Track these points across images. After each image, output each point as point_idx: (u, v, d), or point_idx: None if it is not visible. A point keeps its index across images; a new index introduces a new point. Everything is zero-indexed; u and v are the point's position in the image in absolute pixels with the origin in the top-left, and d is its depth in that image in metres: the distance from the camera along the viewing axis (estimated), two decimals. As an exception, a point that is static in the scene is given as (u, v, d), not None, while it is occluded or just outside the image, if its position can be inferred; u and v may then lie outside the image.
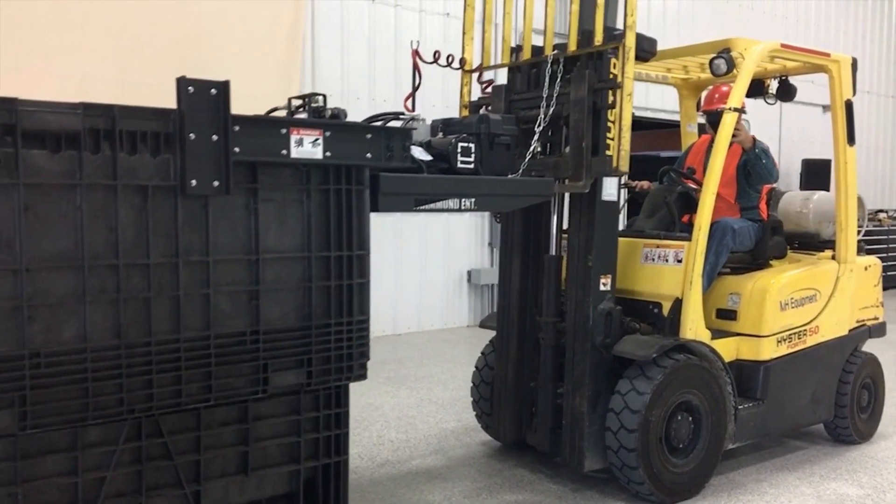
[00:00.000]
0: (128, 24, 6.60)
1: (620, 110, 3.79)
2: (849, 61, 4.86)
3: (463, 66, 4.48)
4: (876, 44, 15.10)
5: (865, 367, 4.97)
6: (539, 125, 3.90)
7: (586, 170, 3.83)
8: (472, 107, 4.55)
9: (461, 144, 3.26)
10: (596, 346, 3.95)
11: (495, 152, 3.44)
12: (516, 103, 4.26)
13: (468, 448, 4.83)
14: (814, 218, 5.15)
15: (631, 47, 3.78)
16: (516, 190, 3.55)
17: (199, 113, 2.40)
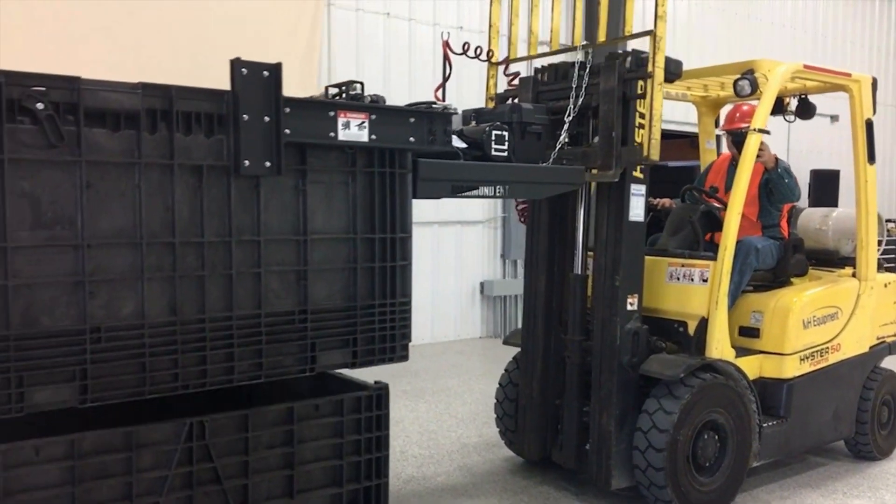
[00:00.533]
0: (146, 35, 6.65)
1: (651, 100, 3.84)
2: (869, 81, 4.91)
3: (490, 59, 4.52)
4: (885, 54, 15.17)
5: (885, 384, 5.01)
6: (569, 115, 3.95)
7: (616, 159, 3.88)
8: (499, 98, 4.59)
9: (495, 132, 3.31)
10: (623, 365, 3.99)
11: (527, 141, 3.51)
12: (544, 94, 4.30)
13: (492, 464, 4.87)
14: (833, 235, 5.20)
15: (662, 37, 3.84)
16: (548, 177, 3.63)
17: (251, 94, 2.46)
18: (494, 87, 4.68)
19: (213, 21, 6.92)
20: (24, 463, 2.22)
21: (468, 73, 5.06)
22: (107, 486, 2.35)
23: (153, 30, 6.63)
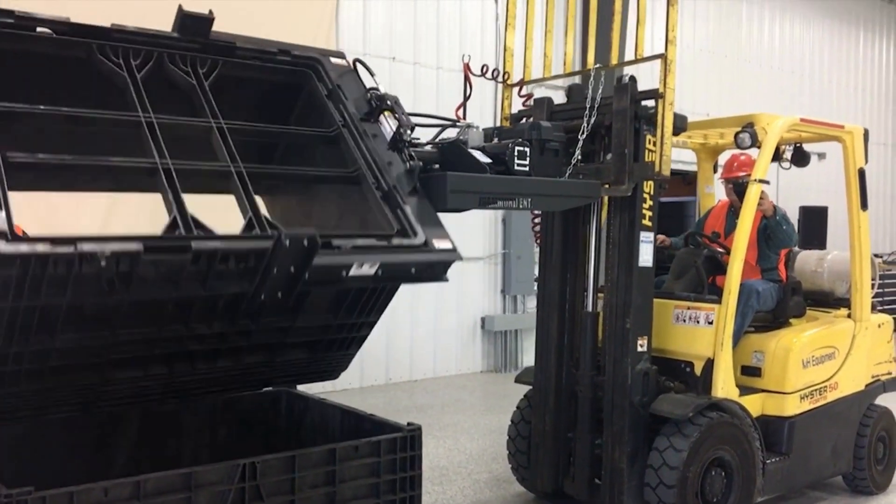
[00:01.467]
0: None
1: (663, 119, 4.09)
2: (861, 132, 5.19)
3: (506, 81, 4.75)
4: (870, 96, 15.63)
5: (881, 421, 5.22)
6: (582, 133, 4.18)
7: (629, 175, 4.12)
8: (513, 118, 4.82)
9: (518, 148, 3.46)
10: (634, 404, 4.18)
11: (545, 157, 3.67)
12: (557, 114, 4.54)
13: (505, 500, 5.03)
14: (828, 277, 5.43)
15: (673, 60, 4.11)
16: (568, 190, 3.82)
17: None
18: (509, 108, 4.90)
19: (232, 25, 7.07)
20: (94, 503, 2.37)
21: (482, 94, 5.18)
22: (164, 528, 2.50)
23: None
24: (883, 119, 15.98)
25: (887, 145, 16.10)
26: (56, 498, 2.30)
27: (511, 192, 3.38)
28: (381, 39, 8.63)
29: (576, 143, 4.13)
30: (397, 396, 8.01)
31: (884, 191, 15.96)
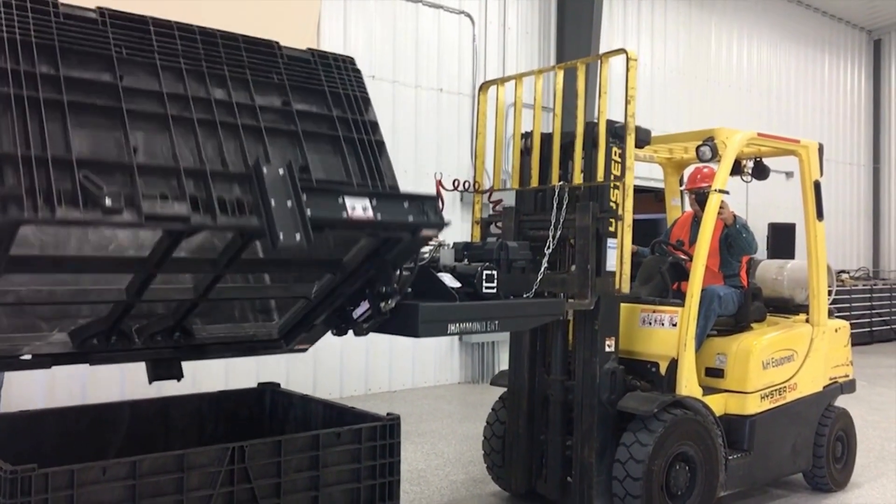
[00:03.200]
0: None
1: (622, 239, 4.32)
2: (816, 146, 5.48)
3: (476, 189, 5.03)
4: (836, 116, 16.14)
5: (839, 421, 5.47)
6: (548, 247, 4.43)
7: (591, 289, 4.36)
8: (483, 223, 5.12)
9: (486, 272, 3.66)
10: (602, 401, 4.40)
11: (512, 275, 3.94)
12: (525, 223, 4.81)
13: (480, 499, 5.20)
14: (788, 284, 5.71)
15: (630, 185, 4.37)
16: (533, 311, 3.99)
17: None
18: (480, 212, 5.20)
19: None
20: (92, 482, 2.53)
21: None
22: (161, 503, 2.66)
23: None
24: (849, 140, 16.51)
25: (853, 165, 16.61)
26: (57, 475, 2.46)
27: (478, 318, 3.53)
28: (361, 57, 8.78)
29: (542, 255, 4.37)
30: (377, 406, 8.07)
31: (850, 209, 16.45)
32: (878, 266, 16.89)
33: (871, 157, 17.05)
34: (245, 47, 2.86)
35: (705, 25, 13.38)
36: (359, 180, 2.99)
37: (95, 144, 2.39)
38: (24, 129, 2.23)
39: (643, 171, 10.05)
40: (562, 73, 4.81)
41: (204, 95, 2.67)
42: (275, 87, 2.90)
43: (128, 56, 2.56)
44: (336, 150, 2.98)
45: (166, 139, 2.53)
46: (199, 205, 2.51)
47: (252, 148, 2.71)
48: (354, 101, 3.09)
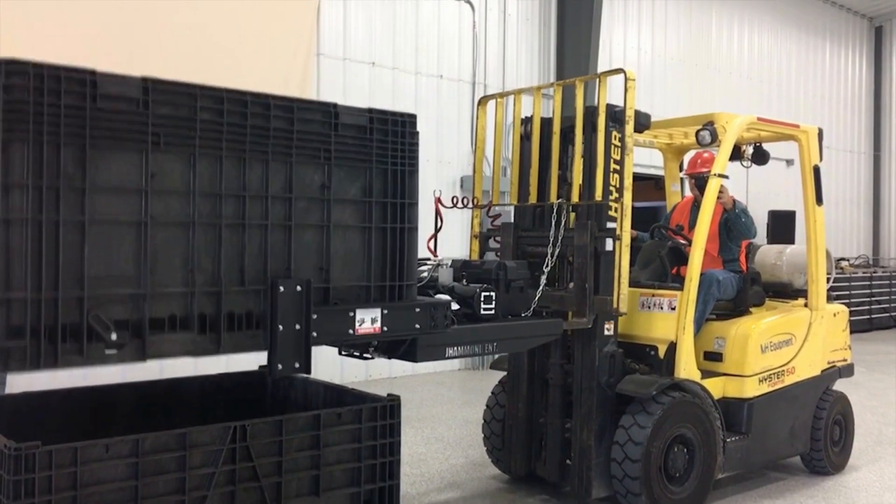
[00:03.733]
0: (148, 41, 6.89)
1: (619, 259, 4.32)
2: (815, 131, 5.49)
3: (476, 205, 5.04)
4: (837, 103, 16.11)
5: (837, 405, 5.50)
6: (546, 265, 4.43)
7: (589, 308, 4.35)
8: (482, 237, 5.15)
9: (484, 294, 3.72)
10: (601, 384, 4.43)
11: (511, 295, 3.95)
12: (523, 239, 4.82)
13: (479, 481, 5.24)
14: (787, 269, 5.72)
15: (628, 205, 4.37)
16: (530, 332, 4.04)
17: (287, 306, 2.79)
18: (479, 227, 5.22)
19: (216, 28, 7.20)
20: (95, 459, 2.56)
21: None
22: (163, 480, 2.69)
23: (154, 35, 6.86)
24: (849, 127, 16.48)
25: (853, 152, 16.59)
26: (60, 453, 2.49)
27: (476, 341, 3.63)
28: (362, 44, 8.87)
29: (540, 272, 4.38)
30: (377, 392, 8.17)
31: (850, 197, 16.45)
32: (878, 254, 16.90)
33: (872, 145, 17.03)
34: (298, 117, 2.85)
35: (706, 12, 13.34)
36: (377, 280, 3.09)
37: (112, 259, 2.45)
38: (38, 257, 2.31)
39: (644, 159, 10.09)
40: (560, 91, 4.78)
41: (236, 190, 2.70)
42: (318, 167, 2.93)
43: (165, 146, 2.55)
44: (363, 243, 3.06)
45: (189, 244, 2.60)
46: (208, 324, 2.62)
47: (277, 248, 2.80)
48: (399, 176, 3.14)
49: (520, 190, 4.91)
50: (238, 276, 2.70)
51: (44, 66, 2.33)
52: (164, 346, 2.52)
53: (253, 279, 2.74)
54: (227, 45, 7.33)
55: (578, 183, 4.58)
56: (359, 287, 3.05)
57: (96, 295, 2.41)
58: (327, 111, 2.94)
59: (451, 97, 9.76)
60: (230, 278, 2.68)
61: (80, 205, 2.38)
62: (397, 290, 3.15)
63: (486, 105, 5.26)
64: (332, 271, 2.96)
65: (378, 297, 3.09)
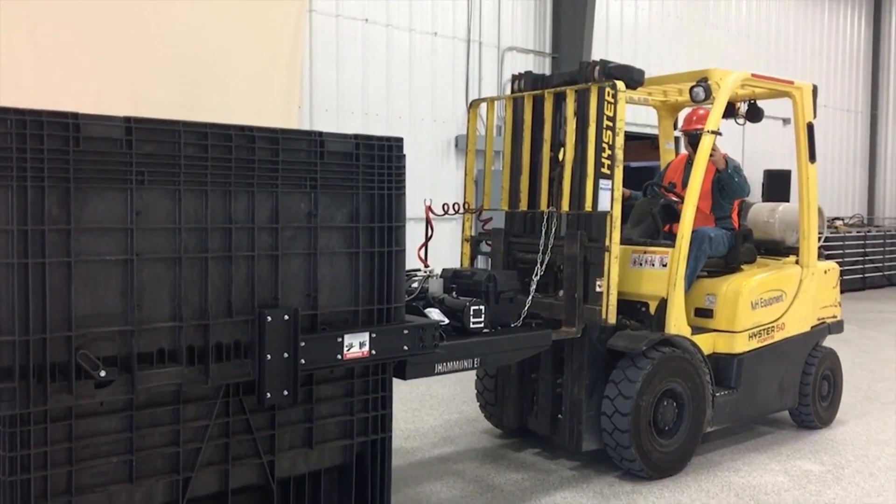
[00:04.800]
0: (140, 42, 6.97)
1: (608, 271, 4.30)
2: (810, 88, 5.46)
3: (466, 209, 5.02)
4: (835, 62, 15.98)
5: (826, 361, 5.57)
6: (536, 274, 4.44)
7: (578, 318, 4.35)
8: (473, 241, 5.16)
9: (473, 308, 3.76)
10: (593, 340, 4.47)
11: (500, 306, 4.00)
12: (514, 245, 4.83)
13: (472, 436, 5.32)
14: (779, 227, 5.74)
15: (617, 216, 4.33)
16: (519, 345, 4.05)
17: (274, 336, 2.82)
18: (470, 230, 5.21)
19: (200, 37, 7.24)
20: (91, 413, 2.59)
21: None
22: (158, 433, 2.73)
23: (143, 45, 6.93)
24: (847, 86, 16.38)
25: (850, 111, 16.51)
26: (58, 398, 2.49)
27: (463, 356, 3.68)
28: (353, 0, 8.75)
29: (530, 280, 4.39)
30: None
31: (846, 156, 16.43)
32: (873, 213, 16.94)
33: (869, 104, 16.94)
34: (283, 147, 2.89)
35: (704, -32, 13.15)
36: (365, 303, 3.14)
37: (99, 297, 2.51)
38: (25, 299, 2.36)
39: (639, 118, 10.04)
40: (552, 97, 4.70)
41: (222, 223, 2.75)
42: (305, 195, 2.97)
43: (150, 183, 2.59)
44: (351, 268, 3.10)
45: (175, 279, 2.65)
46: (196, 356, 2.70)
47: (264, 277, 2.85)
48: (387, 200, 3.17)
49: (510, 196, 4.89)
50: (226, 306, 2.76)
51: (26, 112, 2.36)
52: (152, 379, 2.59)
53: (240, 309, 2.80)
54: (214, 11, 7.29)
55: (569, 170, 4.52)
56: (347, 312, 3.11)
57: (84, 333, 2.48)
58: (312, 140, 2.98)
59: (447, 55, 9.66)
60: (217, 310, 2.74)
61: (65, 245, 2.44)
62: (385, 312, 3.20)
63: (476, 108, 5.25)
64: (320, 297, 3.02)
65: (366, 321, 3.14)
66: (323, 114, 8.55)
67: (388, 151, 3.18)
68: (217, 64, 7.41)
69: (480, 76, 9.94)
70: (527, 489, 4.37)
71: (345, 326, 3.08)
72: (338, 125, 8.50)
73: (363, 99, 8.90)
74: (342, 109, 8.71)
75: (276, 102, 7.83)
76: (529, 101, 4.81)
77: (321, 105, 8.56)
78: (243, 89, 7.58)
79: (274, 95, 7.83)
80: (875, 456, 5.02)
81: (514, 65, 10.15)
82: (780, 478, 4.61)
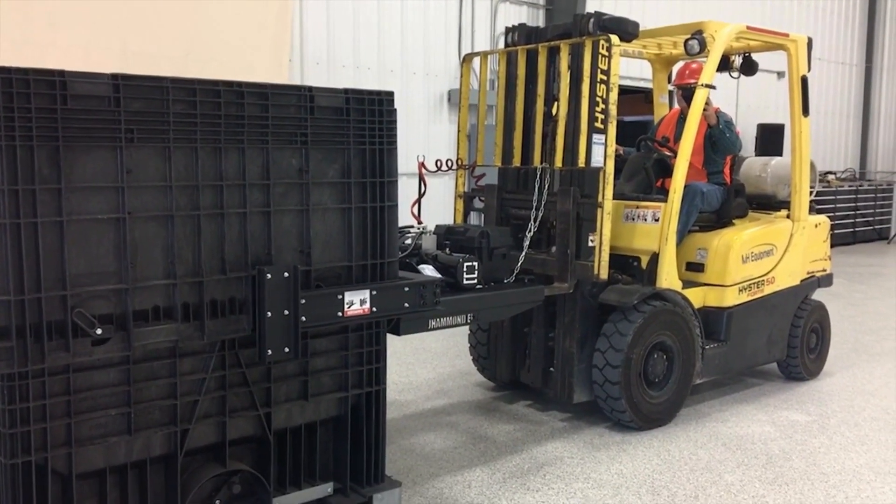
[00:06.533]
0: (118, 22, 6.80)
1: (601, 226, 4.30)
2: (805, 41, 5.42)
3: (460, 165, 4.99)
4: (830, 14, 15.81)
5: (814, 314, 5.65)
6: (529, 231, 4.43)
7: (571, 273, 4.36)
8: (466, 197, 5.13)
9: (466, 264, 3.76)
10: (584, 294, 4.51)
11: (494, 262, 4.01)
12: (507, 202, 4.80)
13: (466, 389, 5.40)
14: (771, 181, 5.76)
15: (610, 172, 4.32)
16: (512, 300, 4.05)
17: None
18: (463, 186, 5.18)
19: (186, 12, 7.10)
20: (89, 368, 2.61)
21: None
22: (155, 386, 2.76)
23: (125, 21, 6.79)
24: (842, 38, 16.22)
25: (845, 64, 16.39)
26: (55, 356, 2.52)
27: (457, 312, 3.69)
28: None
29: (523, 236, 4.37)
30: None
31: (840, 110, 16.36)
32: (865, 167, 16.95)
33: (864, 57, 16.81)
34: (272, 103, 2.86)
35: (700, -83, 12.88)
36: (359, 259, 3.13)
37: (93, 255, 2.51)
38: (19, 260, 2.36)
39: (633, 71, 9.95)
40: (546, 51, 4.63)
41: (213, 180, 2.73)
42: (296, 151, 2.94)
43: (139, 141, 2.57)
44: (343, 224, 3.09)
45: (168, 237, 2.65)
46: (191, 312, 2.70)
47: (257, 234, 2.85)
48: (378, 155, 3.14)
49: (504, 151, 4.86)
50: (219, 264, 2.76)
51: (12, 70, 2.32)
52: (148, 336, 2.61)
53: (234, 266, 2.80)
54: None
55: (563, 126, 4.49)
56: (340, 267, 3.10)
57: (79, 292, 2.48)
58: (302, 95, 2.94)
59: (439, 6, 9.52)
60: (211, 267, 2.74)
61: (57, 205, 2.42)
62: (379, 267, 3.19)
63: (470, 62, 5.18)
64: (314, 253, 3.01)
65: (360, 276, 3.14)
66: (314, 67, 8.45)
67: (379, 106, 3.15)
68: (206, 17, 7.29)
69: (473, 28, 9.81)
70: (518, 440, 4.46)
71: (338, 282, 3.09)
72: (329, 79, 8.41)
73: (354, 52, 8.78)
74: (333, 62, 8.61)
75: (266, 56, 7.71)
76: (523, 56, 4.76)
77: (312, 58, 8.46)
78: (234, 43, 7.46)
79: (264, 49, 7.72)
80: (860, 406, 5.13)
81: (508, 17, 10.02)
82: (766, 428, 4.71)
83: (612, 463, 4.13)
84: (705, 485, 3.89)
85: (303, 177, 2.97)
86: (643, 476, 3.98)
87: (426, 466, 4.09)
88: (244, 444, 3.03)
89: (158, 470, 2.82)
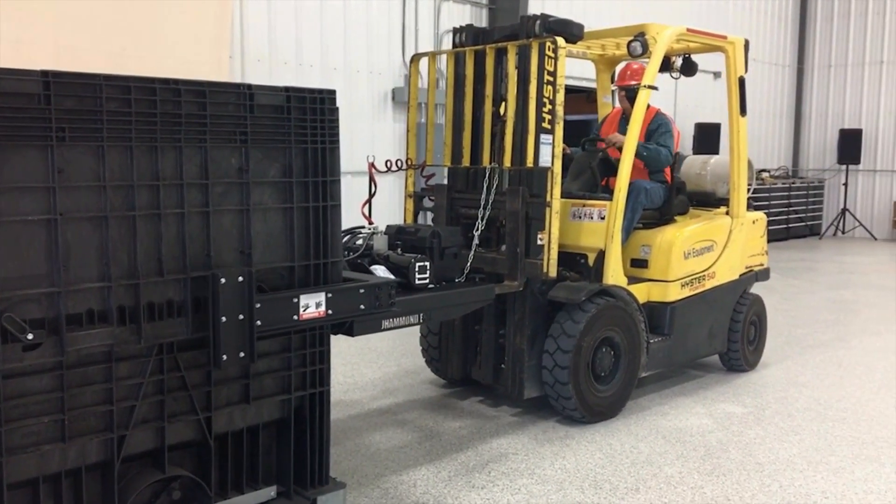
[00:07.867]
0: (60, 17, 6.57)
1: (550, 225, 4.33)
2: (742, 42, 5.55)
3: (409, 165, 4.97)
4: (764, 15, 16.26)
5: (753, 307, 5.79)
6: (477, 229, 4.44)
7: (521, 271, 4.37)
8: (416, 197, 5.12)
9: (419, 265, 3.77)
10: (534, 292, 4.53)
11: (444, 262, 4.02)
12: (457, 201, 4.79)
13: (413, 387, 5.36)
14: (710, 179, 5.88)
15: (558, 172, 4.35)
16: (463, 299, 4.06)
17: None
18: (413, 186, 5.16)
19: (122, 5, 6.89)
20: (20, 374, 2.49)
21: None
22: (91, 391, 2.65)
23: (57, 14, 6.57)
24: (775, 40, 16.71)
25: (778, 65, 16.89)
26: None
27: (409, 312, 3.69)
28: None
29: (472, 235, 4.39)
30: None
31: (773, 110, 16.85)
32: (798, 165, 17.50)
33: (796, 58, 17.35)
34: (210, 101, 2.77)
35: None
36: (301, 259, 3.07)
37: (23, 259, 2.40)
38: None
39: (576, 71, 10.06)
40: (493, 52, 4.63)
41: (149, 179, 2.65)
42: (235, 150, 2.86)
43: (71, 140, 2.47)
44: (285, 224, 3.03)
45: (102, 239, 2.55)
46: (127, 316, 2.62)
47: (195, 235, 2.77)
48: (321, 154, 3.08)
49: (453, 151, 4.84)
50: (156, 265, 2.68)
51: None
52: (82, 341, 2.52)
53: (172, 268, 2.71)
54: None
55: (511, 126, 4.49)
56: (283, 268, 3.03)
57: (8, 296, 2.38)
58: (241, 93, 2.86)
59: (382, 4, 9.45)
60: (148, 269, 2.65)
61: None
62: (322, 268, 3.13)
63: (418, 62, 5.14)
64: (255, 254, 2.93)
65: (303, 277, 3.08)
66: (255, 64, 8.29)
67: (321, 104, 3.09)
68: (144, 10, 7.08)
69: (417, 27, 9.77)
70: (465, 437, 4.45)
71: (281, 283, 3.03)
72: (271, 76, 8.27)
73: (297, 49, 8.65)
74: (275, 59, 8.46)
75: (206, 51, 7.54)
76: (471, 57, 4.75)
77: (253, 55, 8.30)
78: (172, 38, 7.27)
79: (204, 44, 7.54)
80: (794, 397, 5.27)
81: (451, 15, 10.01)
82: (704, 420, 4.80)
83: (555, 458, 4.16)
84: (646, 477, 3.95)
85: (243, 176, 2.90)
86: (586, 470, 4.02)
87: (372, 467, 4.05)
88: (184, 450, 2.93)
89: (94, 478, 2.70)
